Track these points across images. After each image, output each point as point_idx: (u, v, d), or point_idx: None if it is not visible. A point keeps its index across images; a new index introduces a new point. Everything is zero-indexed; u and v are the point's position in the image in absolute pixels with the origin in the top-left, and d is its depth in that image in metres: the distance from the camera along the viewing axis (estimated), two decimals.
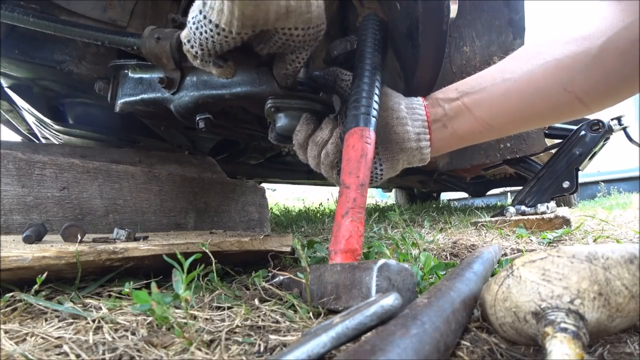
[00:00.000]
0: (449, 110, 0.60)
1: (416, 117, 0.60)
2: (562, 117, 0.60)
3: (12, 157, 0.70)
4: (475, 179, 2.55)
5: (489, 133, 0.61)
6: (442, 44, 0.60)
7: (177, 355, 0.31)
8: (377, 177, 0.62)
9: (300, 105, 0.61)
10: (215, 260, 0.50)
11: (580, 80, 0.53)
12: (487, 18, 1.14)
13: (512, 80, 0.56)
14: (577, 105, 0.55)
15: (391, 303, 0.30)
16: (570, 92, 0.54)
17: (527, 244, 0.91)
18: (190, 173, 0.97)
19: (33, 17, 0.65)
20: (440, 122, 0.61)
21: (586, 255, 0.29)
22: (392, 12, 0.66)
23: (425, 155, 0.62)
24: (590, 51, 0.51)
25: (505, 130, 0.63)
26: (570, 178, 1.32)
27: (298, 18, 0.48)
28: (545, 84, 0.54)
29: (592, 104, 0.55)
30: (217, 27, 0.49)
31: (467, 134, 0.61)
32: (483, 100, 0.58)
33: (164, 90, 0.65)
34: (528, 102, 0.56)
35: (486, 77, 0.59)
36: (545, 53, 0.55)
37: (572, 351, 0.25)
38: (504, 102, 0.57)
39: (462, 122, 0.60)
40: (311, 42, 0.53)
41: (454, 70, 1.14)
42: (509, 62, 0.59)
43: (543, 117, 0.59)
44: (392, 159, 0.61)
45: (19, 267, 0.40)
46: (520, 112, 0.58)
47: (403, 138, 0.59)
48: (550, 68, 0.54)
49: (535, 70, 0.55)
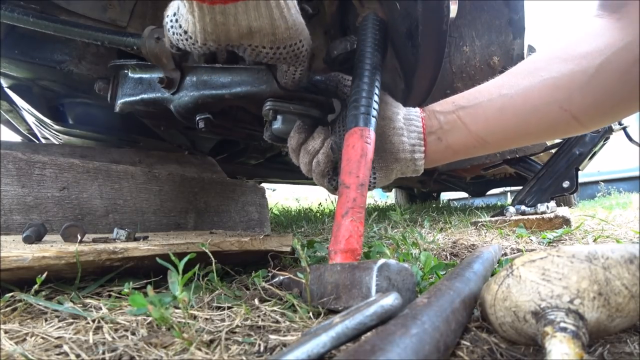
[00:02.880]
0: (444, 124, 0.60)
1: (412, 129, 0.60)
2: (557, 134, 0.60)
3: (12, 157, 0.70)
4: (475, 178, 2.56)
5: (484, 148, 0.61)
6: (442, 43, 0.60)
7: (177, 355, 0.31)
8: (370, 185, 0.62)
9: (298, 110, 0.61)
10: (215, 260, 0.50)
11: (577, 99, 0.52)
12: (487, 18, 1.14)
13: (508, 96, 0.56)
14: (573, 123, 0.55)
15: (391, 303, 0.30)
16: (566, 111, 0.53)
17: (527, 244, 0.91)
18: (190, 173, 0.97)
19: (33, 17, 0.65)
20: (435, 135, 0.61)
21: (586, 255, 0.29)
22: (392, 12, 0.66)
23: (418, 167, 0.61)
24: (588, 70, 0.51)
25: (500, 145, 0.62)
26: (570, 178, 1.32)
27: (263, 38, 0.49)
28: (542, 102, 0.54)
29: (588, 122, 0.55)
30: (186, 33, 0.50)
31: (461, 148, 0.61)
32: (478, 115, 0.58)
33: (164, 90, 0.65)
34: (524, 119, 0.56)
35: (483, 91, 0.59)
36: (543, 70, 0.54)
37: (572, 351, 0.25)
38: (500, 117, 0.57)
39: (457, 136, 0.60)
40: (290, 59, 0.53)
41: (454, 70, 1.14)
42: (507, 78, 0.58)
43: (538, 134, 0.59)
44: (386, 168, 0.61)
45: (19, 267, 0.40)
46: (515, 128, 0.57)
47: (398, 149, 0.59)
48: (548, 86, 0.54)
49: (532, 87, 0.54)
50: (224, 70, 0.63)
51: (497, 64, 1.14)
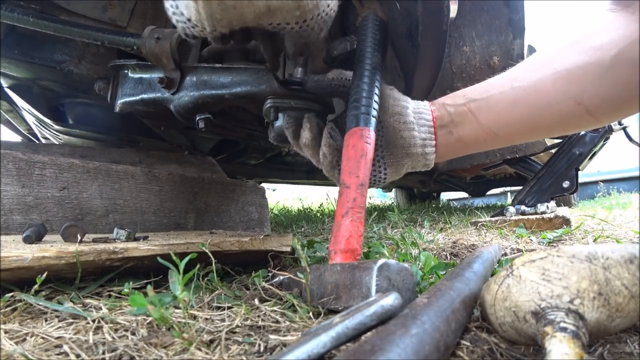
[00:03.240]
0: (455, 116, 0.59)
1: (423, 123, 0.59)
2: (570, 129, 0.59)
3: (12, 157, 0.70)
4: (475, 178, 2.56)
5: (495, 142, 0.60)
6: (442, 43, 0.60)
7: (177, 355, 0.31)
8: (380, 181, 0.62)
9: (299, 105, 0.61)
10: (215, 260, 0.50)
11: (591, 92, 0.51)
12: (487, 18, 1.14)
13: (520, 89, 0.55)
14: (587, 117, 0.53)
15: (391, 303, 0.30)
16: (580, 104, 0.52)
17: (527, 244, 0.91)
18: (190, 173, 0.97)
19: (33, 17, 0.65)
20: (446, 129, 0.60)
21: (586, 255, 0.29)
22: (392, 12, 0.66)
23: (429, 161, 0.61)
24: (603, 62, 0.50)
25: (511, 139, 0.61)
26: (570, 178, 1.32)
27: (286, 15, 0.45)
28: (555, 95, 0.53)
29: (602, 116, 0.54)
30: (190, 21, 0.46)
31: (472, 141, 0.60)
32: (490, 107, 0.57)
33: (164, 90, 0.65)
34: (536, 112, 0.55)
35: (495, 84, 0.58)
36: (556, 62, 0.53)
37: (572, 350, 0.25)
38: (512, 111, 0.56)
39: (468, 129, 0.59)
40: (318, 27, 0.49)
41: (454, 70, 1.14)
42: (519, 70, 0.57)
43: (550, 128, 0.58)
44: (396, 164, 0.60)
45: (19, 267, 0.40)
46: (527, 122, 0.56)
47: (409, 143, 0.58)
48: (561, 78, 0.52)
49: (545, 80, 0.53)
50: (224, 70, 0.63)
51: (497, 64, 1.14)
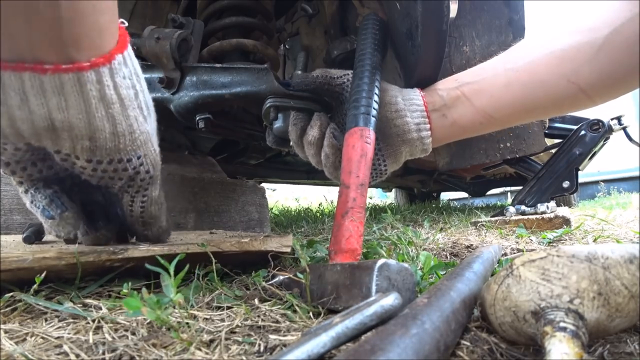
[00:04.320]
0: (447, 100, 0.59)
1: (414, 108, 0.60)
2: (564, 109, 0.59)
3: None
4: (475, 178, 2.56)
5: (491, 124, 0.60)
6: (442, 43, 0.60)
7: (177, 355, 0.31)
8: (382, 173, 0.62)
9: (299, 105, 0.61)
10: (215, 261, 0.50)
11: (585, 71, 0.51)
12: (487, 18, 1.14)
13: (514, 70, 0.55)
14: (581, 97, 0.54)
15: (391, 303, 0.30)
16: (574, 84, 0.52)
17: (527, 244, 0.91)
18: (190, 173, 0.97)
19: None
20: (439, 112, 0.60)
21: (586, 254, 0.29)
22: (392, 12, 0.66)
23: (426, 145, 0.61)
24: (596, 42, 0.50)
25: (507, 121, 0.62)
26: (570, 178, 1.32)
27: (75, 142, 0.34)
28: (549, 75, 0.53)
29: (596, 96, 0.54)
30: None
31: (468, 124, 0.60)
32: (483, 90, 0.57)
33: (164, 90, 0.65)
34: (530, 93, 0.55)
35: (487, 67, 0.58)
36: (550, 43, 0.54)
37: (571, 350, 0.25)
38: (505, 92, 0.56)
39: (462, 111, 0.59)
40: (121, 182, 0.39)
41: (454, 70, 1.14)
42: (512, 52, 0.57)
43: (545, 108, 0.58)
44: (394, 153, 0.61)
45: (19, 268, 0.40)
46: (522, 103, 0.57)
47: (403, 130, 0.59)
48: (554, 59, 0.53)
49: (539, 61, 0.54)
50: (224, 70, 0.63)
51: None
